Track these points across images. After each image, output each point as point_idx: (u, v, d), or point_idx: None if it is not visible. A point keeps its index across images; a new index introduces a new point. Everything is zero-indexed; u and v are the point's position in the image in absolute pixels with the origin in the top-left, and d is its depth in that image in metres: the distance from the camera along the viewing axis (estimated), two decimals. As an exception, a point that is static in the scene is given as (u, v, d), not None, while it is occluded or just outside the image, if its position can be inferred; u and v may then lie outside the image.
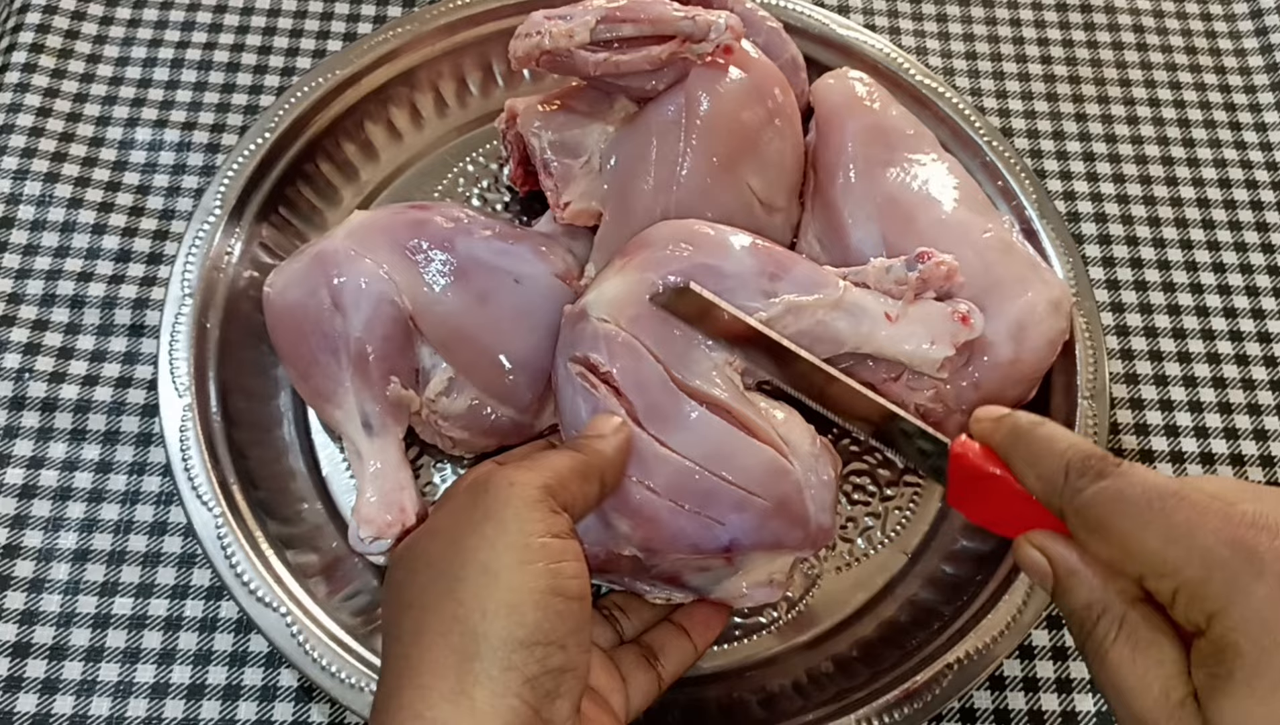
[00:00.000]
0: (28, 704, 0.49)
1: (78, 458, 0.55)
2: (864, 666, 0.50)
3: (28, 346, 0.57)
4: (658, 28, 0.51)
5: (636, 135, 0.53)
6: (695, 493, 0.44)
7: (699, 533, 0.44)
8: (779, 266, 0.46)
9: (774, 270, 0.46)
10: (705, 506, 0.44)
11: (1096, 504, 0.33)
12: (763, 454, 0.44)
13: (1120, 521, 0.32)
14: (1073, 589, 0.34)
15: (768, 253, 0.47)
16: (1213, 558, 0.30)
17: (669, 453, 0.44)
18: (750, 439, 0.44)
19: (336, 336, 0.50)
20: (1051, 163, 0.69)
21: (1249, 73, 0.73)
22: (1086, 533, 0.34)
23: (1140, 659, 0.32)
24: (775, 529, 0.45)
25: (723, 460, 0.44)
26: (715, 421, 0.44)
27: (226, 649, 0.51)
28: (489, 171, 0.64)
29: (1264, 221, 0.68)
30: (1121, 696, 0.32)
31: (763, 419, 0.45)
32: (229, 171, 0.57)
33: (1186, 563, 0.31)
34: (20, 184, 0.61)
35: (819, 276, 0.47)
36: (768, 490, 0.44)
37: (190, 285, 0.54)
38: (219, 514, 0.49)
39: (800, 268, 0.47)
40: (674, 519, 0.44)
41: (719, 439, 0.44)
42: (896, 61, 0.63)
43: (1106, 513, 0.33)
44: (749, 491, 0.44)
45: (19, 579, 0.52)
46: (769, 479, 0.44)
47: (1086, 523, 0.34)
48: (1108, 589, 0.33)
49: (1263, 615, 0.29)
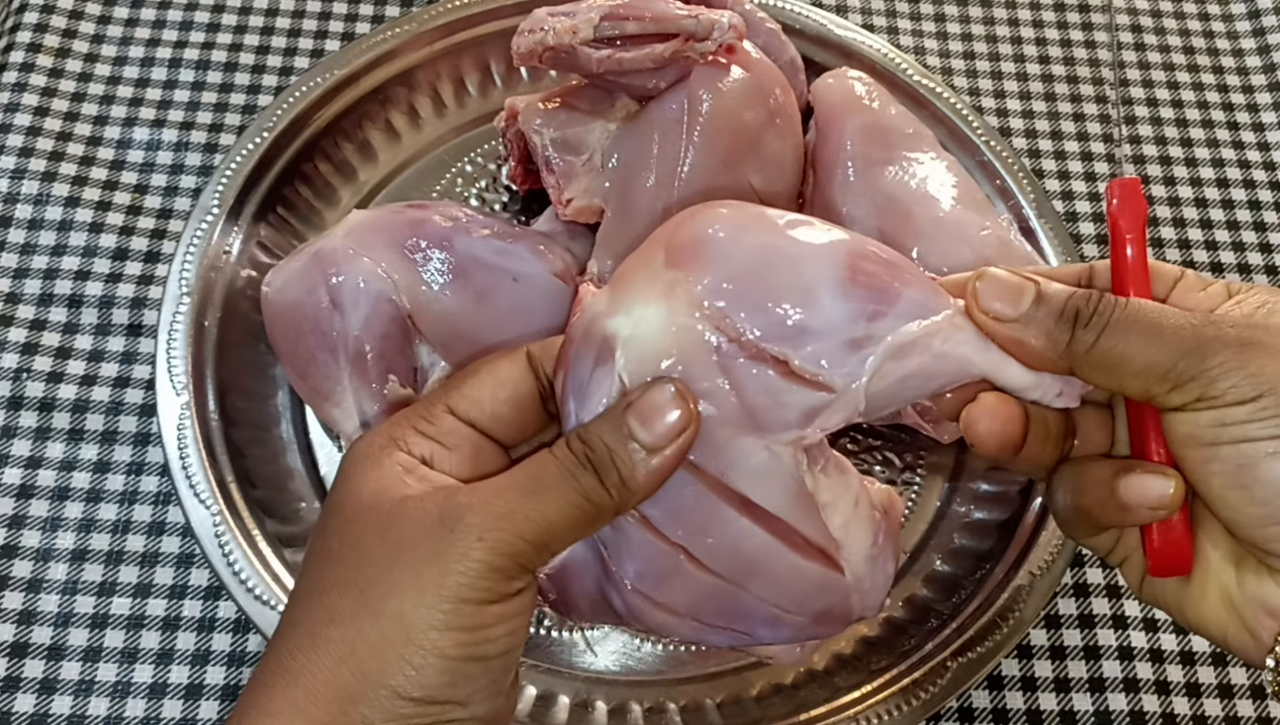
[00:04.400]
0: (26, 704, 0.49)
1: (75, 457, 0.55)
2: (862, 665, 0.50)
3: (25, 346, 0.57)
4: (661, 26, 0.51)
5: (639, 133, 0.53)
6: (723, 611, 0.36)
7: (722, 640, 0.38)
8: (885, 294, 0.34)
9: (877, 303, 0.33)
10: (733, 622, 0.37)
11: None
12: (809, 573, 0.35)
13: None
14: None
15: (865, 274, 0.34)
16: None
17: (695, 570, 0.35)
18: (796, 557, 0.35)
19: (335, 335, 0.50)
20: (1049, 162, 0.69)
21: (1246, 73, 0.74)
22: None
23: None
24: (812, 633, 0.38)
25: (759, 579, 0.35)
26: (757, 534, 0.34)
27: (225, 649, 0.51)
28: (487, 171, 0.64)
29: (1261, 221, 0.68)
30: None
31: (817, 526, 0.35)
32: (227, 171, 0.57)
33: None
34: (18, 183, 0.61)
35: (925, 292, 0.34)
36: (808, 607, 0.37)
37: (188, 284, 0.54)
38: (217, 513, 0.49)
39: (913, 288, 0.34)
40: (696, 633, 0.37)
41: (758, 556, 0.35)
42: (894, 62, 0.63)
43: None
44: (786, 609, 0.36)
45: (17, 579, 0.52)
46: (812, 597, 0.36)
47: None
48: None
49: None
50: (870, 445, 0.57)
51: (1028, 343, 0.33)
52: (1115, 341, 0.32)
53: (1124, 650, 0.54)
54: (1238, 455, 0.31)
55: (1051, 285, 0.33)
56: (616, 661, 0.51)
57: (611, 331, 0.33)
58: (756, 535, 0.34)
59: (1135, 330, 0.32)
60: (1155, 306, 0.33)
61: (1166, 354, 0.31)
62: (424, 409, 0.35)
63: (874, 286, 0.33)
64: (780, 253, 0.34)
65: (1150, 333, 0.32)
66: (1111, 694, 0.53)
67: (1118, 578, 0.56)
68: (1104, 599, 0.55)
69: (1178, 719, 0.53)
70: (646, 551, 0.35)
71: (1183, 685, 0.53)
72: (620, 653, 0.51)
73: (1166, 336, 0.32)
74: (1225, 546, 0.34)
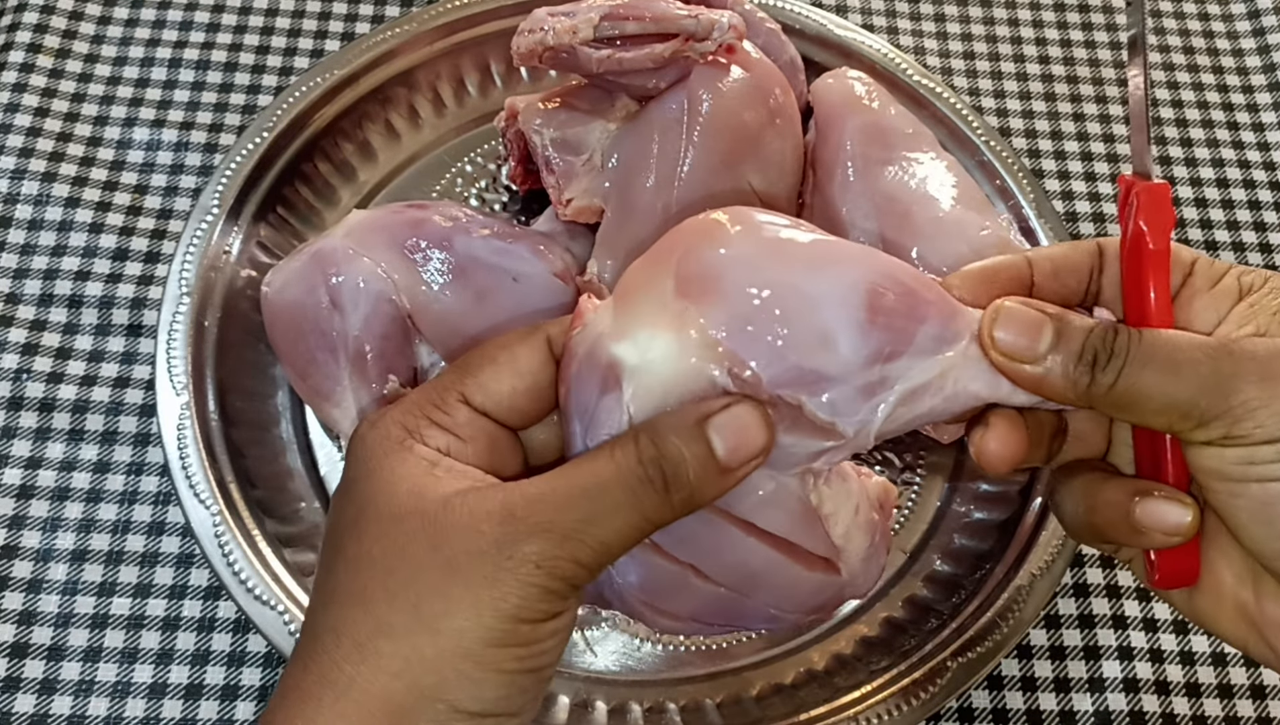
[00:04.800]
0: (26, 704, 0.49)
1: (75, 458, 0.55)
2: (862, 665, 0.50)
3: (25, 347, 0.57)
4: (661, 26, 0.51)
5: (638, 133, 0.53)
6: (724, 614, 0.37)
7: (722, 633, 0.41)
8: (902, 334, 0.32)
9: (894, 344, 0.32)
10: (733, 622, 0.38)
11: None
12: (810, 580, 0.36)
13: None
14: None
15: (885, 313, 0.32)
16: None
17: (702, 584, 0.36)
18: (800, 568, 0.36)
19: (334, 335, 0.50)
20: (1049, 162, 0.69)
21: (1246, 73, 0.74)
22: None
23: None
24: (804, 623, 0.41)
25: (763, 589, 0.36)
26: (764, 551, 0.35)
27: (225, 649, 0.51)
28: (487, 171, 0.64)
29: (1261, 221, 0.68)
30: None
31: (821, 540, 0.36)
32: (227, 171, 0.57)
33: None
34: (18, 183, 0.61)
35: (947, 318, 0.33)
36: (805, 605, 0.38)
37: (188, 284, 0.54)
38: (217, 513, 0.49)
39: (929, 322, 0.33)
40: (693, 630, 0.39)
41: (764, 570, 0.36)
42: (894, 62, 0.63)
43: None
44: (785, 610, 0.38)
45: (17, 579, 0.52)
46: (810, 597, 0.37)
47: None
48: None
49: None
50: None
51: (1047, 385, 0.32)
52: (1133, 381, 0.31)
53: (1124, 650, 0.54)
54: (1264, 493, 0.30)
55: (1070, 322, 0.32)
56: (616, 661, 0.51)
57: (618, 358, 0.32)
58: (763, 553, 0.35)
59: (1152, 367, 0.31)
60: (1171, 339, 0.31)
61: (1186, 392, 0.30)
62: (437, 397, 0.34)
63: (892, 327, 0.32)
64: (798, 292, 0.32)
65: (1168, 370, 0.31)
66: (1111, 694, 0.53)
67: (1118, 578, 0.56)
68: (1104, 599, 0.55)
69: (1177, 719, 0.53)
70: (653, 570, 0.35)
71: (1182, 685, 0.53)
72: (620, 653, 0.51)
73: (1184, 373, 0.31)
74: (1241, 564, 0.33)
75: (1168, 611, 0.55)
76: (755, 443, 0.31)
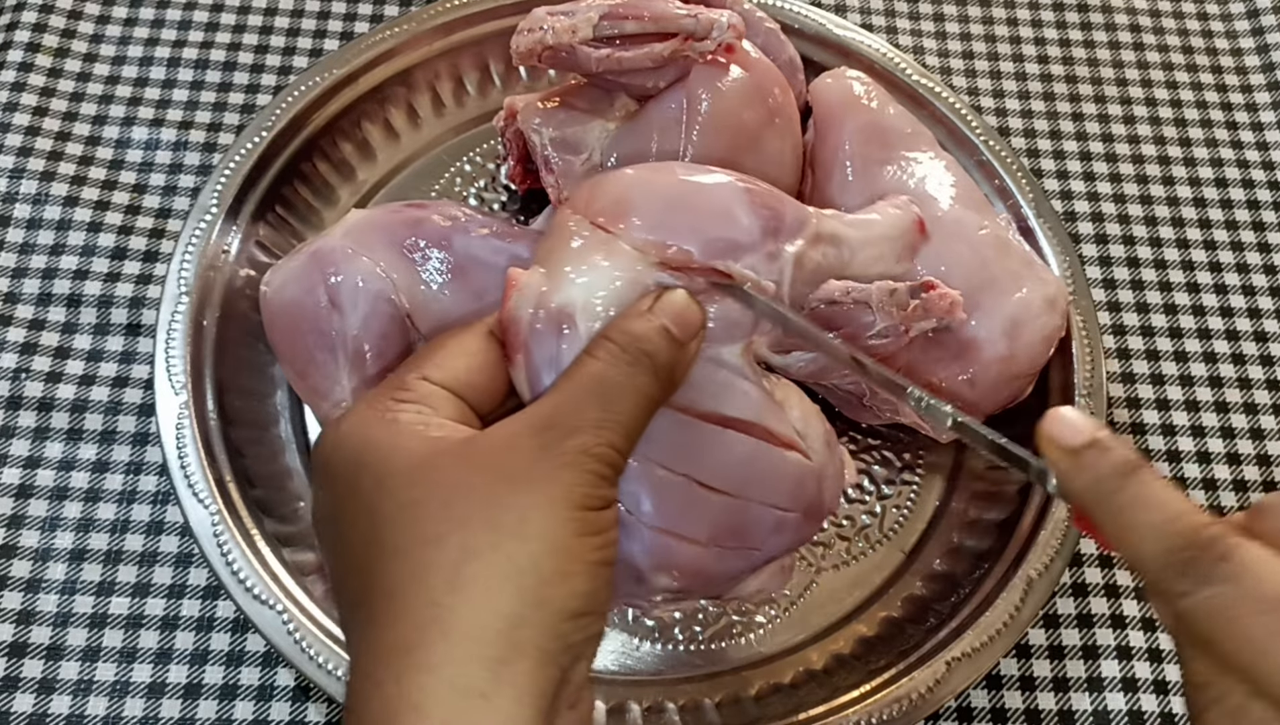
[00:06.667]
0: (24, 704, 0.49)
1: (74, 457, 0.55)
2: (861, 664, 0.50)
3: (24, 346, 0.57)
4: (660, 25, 0.51)
5: (638, 132, 0.53)
6: (736, 529, 0.40)
7: (738, 564, 0.41)
8: (773, 215, 0.40)
9: (773, 222, 0.39)
10: (745, 539, 0.41)
11: (1200, 618, 0.29)
12: (790, 464, 0.40)
13: (1229, 641, 0.28)
14: (1186, 661, 0.30)
15: (759, 199, 0.40)
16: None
17: (708, 493, 0.39)
18: (777, 451, 0.40)
19: (333, 335, 0.50)
20: (1048, 162, 0.69)
21: (1245, 72, 0.74)
22: (1189, 641, 0.30)
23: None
24: (803, 534, 0.42)
25: (755, 483, 0.40)
26: (742, 440, 0.39)
27: (223, 648, 0.51)
28: (486, 171, 0.64)
29: (1260, 221, 0.68)
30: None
31: (784, 422, 0.40)
32: (226, 170, 0.57)
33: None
34: (16, 182, 0.61)
35: (796, 210, 0.41)
36: (798, 501, 0.41)
37: (187, 284, 0.54)
38: (215, 512, 0.49)
39: (785, 207, 0.40)
40: (719, 562, 0.40)
41: (749, 460, 0.39)
42: (893, 61, 0.63)
43: (1213, 628, 0.28)
44: (783, 509, 0.41)
45: (15, 579, 0.52)
46: (798, 488, 0.41)
47: (1190, 633, 0.29)
48: (1225, 675, 0.29)
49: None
50: (869, 445, 0.57)
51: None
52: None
53: (1122, 650, 0.54)
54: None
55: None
56: (615, 661, 0.51)
57: (565, 303, 0.36)
58: (742, 442, 0.39)
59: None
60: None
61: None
62: (395, 382, 0.35)
63: (767, 206, 0.40)
64: (695, 186, 0.39)
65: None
66: (1110, 693, 0.53)
67: (1116, 578, 0.56)
68: (1102, 599, 0.55)
69: (1176, 719, 0.53)
70: (660, 488, 0.38)
71: (1181, 685, 0.53)
72: (619, 652, 0.51)
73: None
74: None
75: (1166, 611, 0.55)
76: (693, 316, 0.36)
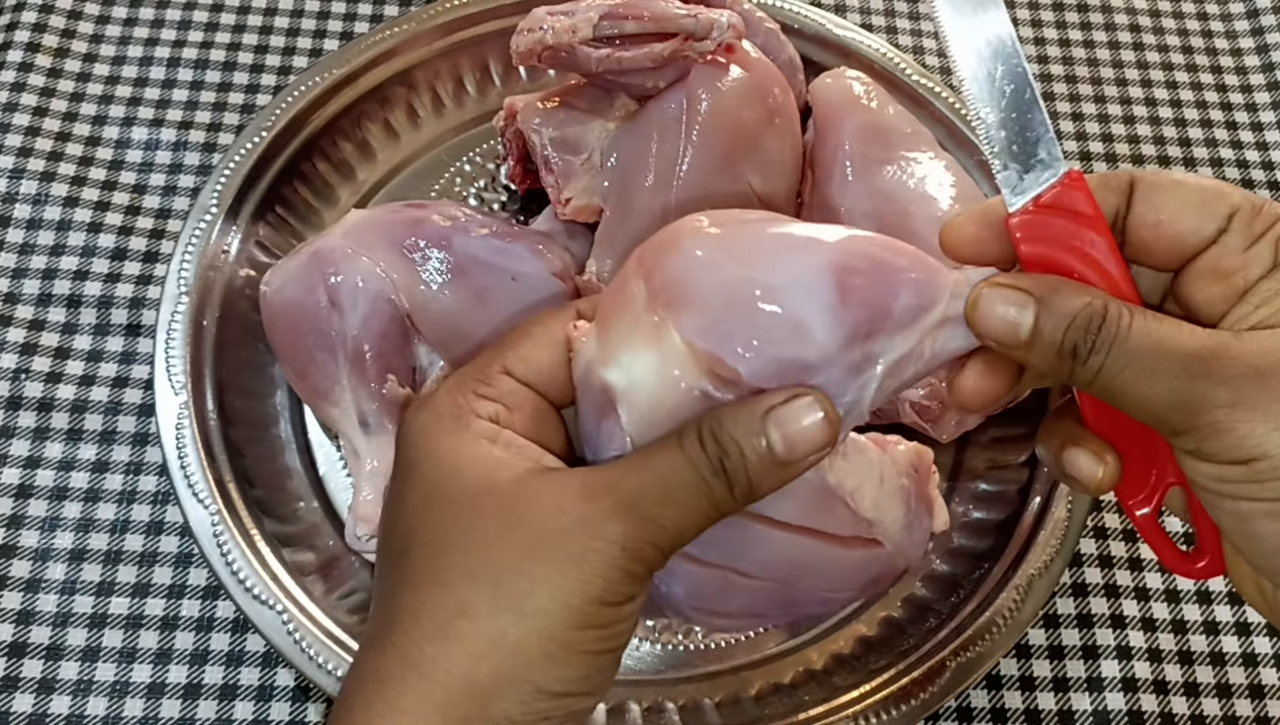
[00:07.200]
0: (24, 704, 0.49)
1: (74, 457, 0.55)
2: (861, 664, 0.50)
3: (24, 346, 0.57)
4: (660, 25, 0.51)
5: (637, 132, 0.53)
6: (777, 605, 0.38)
7: (782, 623, 0.42)
8: (873, 314, 0.32)
9: (868, 323, 0.32)
10: (789, 611, 0.39)
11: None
12: (851, 558, 0.37)
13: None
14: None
15: (858, 294, 0.32)
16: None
17: (745, 581, 0.36)
18: (836, 548, 0.37)
19: (333, 335, 0.50)
20: (1048, 162, 0.69)
21: (1245, 73, 0.74)
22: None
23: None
24: (862, 598, 0.41)
25: (807, 575, 0.37)
26: (794, 541, 0.36)
27: (223, 648, 0.51)
28: (486, 171, 0.64)
29: (1260, 221, 0.68)
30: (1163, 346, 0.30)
31: (847, 518, 0.36)
32: (225, 170, 0.57)
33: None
34: (16, 183, 0.61)
35: (918, 292, 0.32)
36: (856, 582, 0.38)
37: (187, 284, 0.54)
38: (215, 512, 0.49)
39: (897, 295, 0.32)
40: (756, 624, 0.41)
41: (801, 558, 0.36)
42: (893, 61, 0.63)
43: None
44: (836, 590, 0.39)
45: (15, 579, 0.52)
46: (858, 573, 0.38)
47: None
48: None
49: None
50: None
51: (1034, 369, 0.32)
52: (1113, 377, 0.30)
53: (1122, 650, 0.54)
54: (1236, 510, 0.30)
55: (1053, 306, 0.31)
56: (615, 661, 0.51)
57: (608, 383, 0.33)
58: (794, 542, 0.35)
59: (1131, 368, 0.30)
60: (1155, 340, 0.30)
61: (1158, 402, 0.30)
62: (479, 371, 0.35)
63: (866, 304, 0.31)
64: (763, 285, 0.32)
65: (1143, 376, 0.30)
66: (1110, 693, 0.53)
67: (1116, 578, 0.56)
68: (1102, 599, 0.55)
69: (1176, 718, 0.53)
70: (692, 578, 0.36)
71: (1181, 685, 0.53)
72: (619, 652, 0.51)
73: (1159, 382, 0.30)
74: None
75: (1166, 611, 0.55)
76: (811, 439, 0.31)
